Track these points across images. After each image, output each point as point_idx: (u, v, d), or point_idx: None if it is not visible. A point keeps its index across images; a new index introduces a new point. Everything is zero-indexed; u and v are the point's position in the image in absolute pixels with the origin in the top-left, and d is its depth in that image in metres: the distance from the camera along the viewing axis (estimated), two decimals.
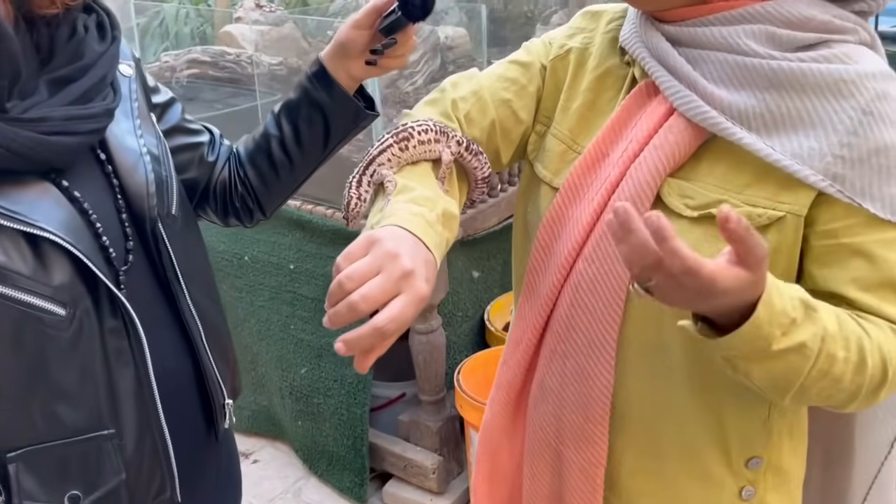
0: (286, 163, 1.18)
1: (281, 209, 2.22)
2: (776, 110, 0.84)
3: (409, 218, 0.84)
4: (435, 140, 0.96)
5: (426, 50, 2.94)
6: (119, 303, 0.94)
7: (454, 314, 2.35)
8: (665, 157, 0.88)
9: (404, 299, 0.74)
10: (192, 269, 1.06)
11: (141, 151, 1.01)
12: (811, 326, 0.77)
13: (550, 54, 1.03)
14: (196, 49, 3.11)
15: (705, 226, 0.86)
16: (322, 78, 1.12)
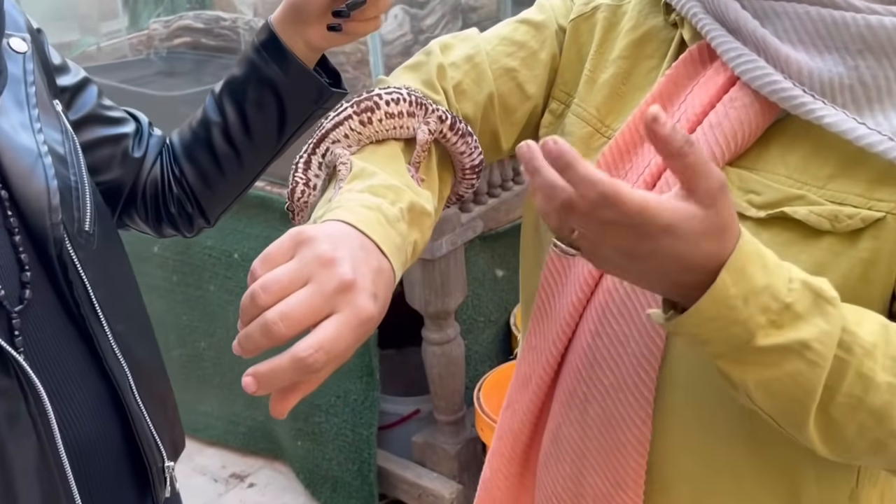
0: (232, 156, 1.03)
1: (272, 199, 2.09)
2: (872, 81, 0.71)
3: (360, 212, 0.69)
4: (408, 113, 0.81)
5: (445, 11, 2.73)
6: (10, 357, 0.82)
7: (475, 320, 2.17)
8: (724, 140, 0.75)
9: (338, 320, 0.59)
10: (116, 300, 0.93)
11: (39, 151, 0.89)
12: (821, 322, 0.63)
13: (573, 13, 0.90)
14: (188, 15, 2.89)
15: (776, 229, 0.73)
16: (273, 48, 0.96)
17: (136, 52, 2.83)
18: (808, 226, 0.73)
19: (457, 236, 1.93)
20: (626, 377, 0.79)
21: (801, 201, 0.74)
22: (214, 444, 2.45)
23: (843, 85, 0.73)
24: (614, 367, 0.79)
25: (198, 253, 2.24)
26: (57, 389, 0.86)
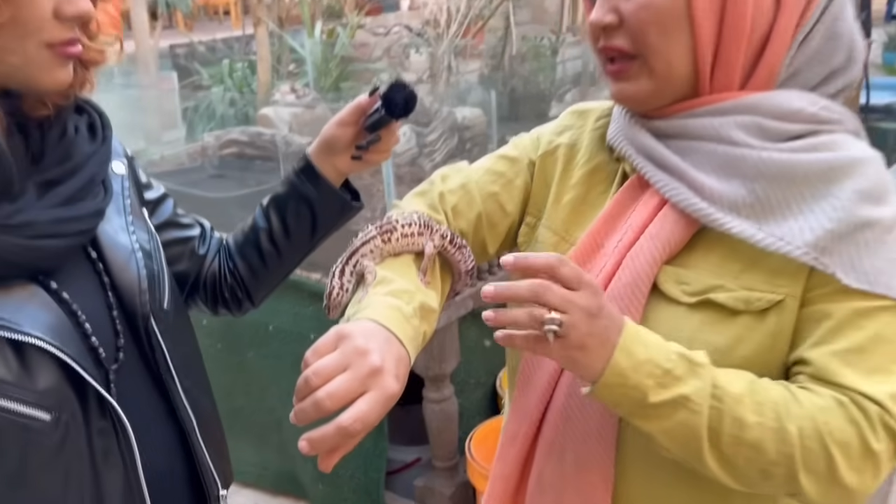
0: (274, 254, 1.12)
1: (302, 282, 2.21)
2: (766, 199, 0.78)
3: (384, 311, 0.77)
4: (418, 233, 0.90)
5: (444, 129, 2.88)
6: (108, 403, 0.85)
7: (467, 382, 2.26)
8: (661, 246, 0.82)
9: (371, 397, 0.67)
10: (184, 363, 0.98)
11: (133, 248, 0.94)
12: (695, 381, 0.72)
13: (539, 149, 0.98)
14: (235, 130, 3.08)
15: (704, 311, 0.79)
16: (309, 173, 1.07)
17: (192, 160, 3.00)
18: (727, 308, 0.79)
19: (452, 312, 2.05)
20: (594, 429, 0.84)
21: (721, 290, 0.79)
22: (249, 485, 2.50)
23: (745, 203, 0.79)
24: (584, 422, 0.84)
25: (239, 325, 2.30)
26: (139, 429, 0.88)
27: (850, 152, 0.78)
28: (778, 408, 0.73)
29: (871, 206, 0.76)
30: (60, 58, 0.79)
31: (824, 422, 0.72)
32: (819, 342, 0.76)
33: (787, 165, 0.77)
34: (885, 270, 0.75)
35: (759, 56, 0.80)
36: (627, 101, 0.86)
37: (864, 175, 0.77)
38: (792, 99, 0.80)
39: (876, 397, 0.72)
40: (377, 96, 1.00)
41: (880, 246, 0.75)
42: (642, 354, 0.72)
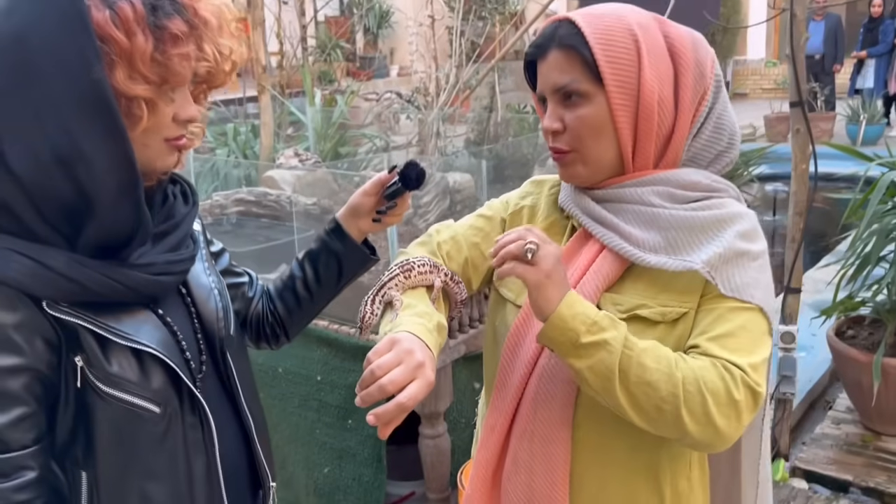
0: (308, 298, 1.31)
1: (310, 328, 2.39)
2: (675, 242, 1.04)
3: (415, 327, 1.01)
4: (429, 272, 1.14)
5: (437, 192, 3.13)
6: (198, 402, 1.05)
7: (458, 421, 2.42)
8: (602, 279, 1.07)
9: (419, 383, 0.91)
10: (244, 378, 1.17)
11: (211, 286, 1.14)
12: (613, 331, 0.96)
13: (508, 210, 1.22)
14: (242, 190, 3.31)
15: (633, 323, 1.03)
16: (338, 232, 1.27)
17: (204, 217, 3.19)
18: (649, 320, 1.04)
19: (446, 356, 2.20)
20: (556, 415, 1.07)
21: (645, 307, 1.05)
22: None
23: (661, 245, 1.05)
24: (548, 410, 1.07)
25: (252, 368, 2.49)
26: (217, 428, 1.07)
27: (732, 209, 1.07)
28: (670, 360, 0.97)
29: (745, 242, 1.04)
30: (172, 148, 1.01)
31: (701, 375, 0.96)
32: (702, 331, 1.02)
33: (690, 219, 1.05)
34: (750, 284, 1.02)
35: (666, 146, 1.07)
36: (572, 181, 1.12)
37: (741, 223, 1.05)
38: (691, 174, 1.08)
39: (739, 363, 0.98)
40: (395, 173, 1.21)
41: (747, 269, 1.03)
42: (579, 308, 0.97)
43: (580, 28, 1.05)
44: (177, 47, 0.94)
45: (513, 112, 5.87)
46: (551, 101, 1.08)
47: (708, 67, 1.07)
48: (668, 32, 1.07)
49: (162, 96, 0.96)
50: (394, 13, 10.05)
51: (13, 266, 0.92)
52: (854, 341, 2.92)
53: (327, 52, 6.82)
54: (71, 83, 0.89)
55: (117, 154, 0.92)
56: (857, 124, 8.23)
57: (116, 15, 0.91)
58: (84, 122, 0.90)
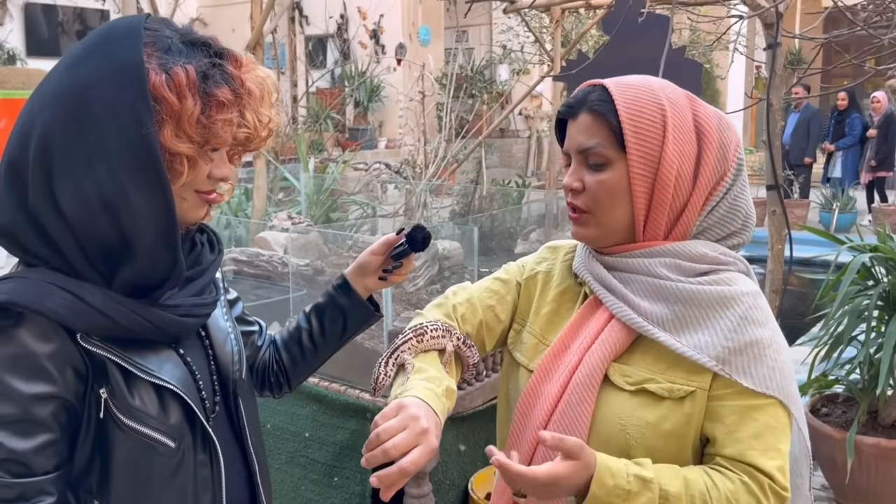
0: (312, 349, 1.35)
1: (302, 386, 2.41)
2: (682, 317, 1.07)
3: (424, 392, 1.05)
4: (441, 336, 1.18)
5: (427, 259, 3.19)
6: (210, 439, 1.09)
7: (443, 482, 2.45)
8: (610, 348, 1.09)
9: (421, 449, 0.95)
10: (252, 421, 1.21)
11: (228, 331, 1.19)
12: (647, 493, 0.98)
13: (524, 275, 1.26)
14: (235, 249, 3.39)
15: (640, 396, 1.06)
16: (345, 288, 1.34)
17: None
18: (656, 395, 1.05)
19: None
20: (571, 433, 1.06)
21: (653, 381, 1.06)
22: None
23: (668, 319, 1.07)
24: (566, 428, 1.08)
25: None
26: (224, 466, 1.10)
27: (738, 287, 1.08)
28: (704, 496, 0.99)
29: (754, 328, 1.05)
30: (204, 202, 1.08)
31: (736, 500, 1.00)
32: (730, 431, 1.04)
33: (696, 293, 1.07)
34: (769, 376, 1.03)
35: (678, 218, 1.10)
36: (582, 240, 1.16)
37: (745, 304, 1.06)
38: (699, 246, 1.10)
39: (767, 470, 1.01)
40: (402, 235, 1.28)
41: (763, 358, 1.04)
42: (610, 482, 0.98)
43: (612, 95, 1.09)
44: (221, 113, 1.02)
45: (497, 186, 6.03)
46: (575, 161, 1.13)
47: (731, 150, 1.10)
48: (698, 111, 1.11)
49: (202, 155, 1.04)
50: (384, 87, 10.35)
51: (53, 299, 0.98)
52: (828, 419, 3.00)
53: (319, 123, 7.01)
54: (123, 135, 0.97)
55: (159, 203, 0.99)
56: (831, 212, 8.49)
57: (171, 79, 0.99)
58: (132, 171, 0.98)
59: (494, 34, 11.98)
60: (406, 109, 6.50)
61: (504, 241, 4.49)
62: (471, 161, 6.27)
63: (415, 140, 6.04)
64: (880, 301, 2.73)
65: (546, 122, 10.20)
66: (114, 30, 1.02)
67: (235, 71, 1.05)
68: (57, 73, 1.02)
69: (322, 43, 11.73)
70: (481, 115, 8.03)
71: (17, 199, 1.00)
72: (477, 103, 7.64)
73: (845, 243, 2.88)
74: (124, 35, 1.00)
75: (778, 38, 2.38)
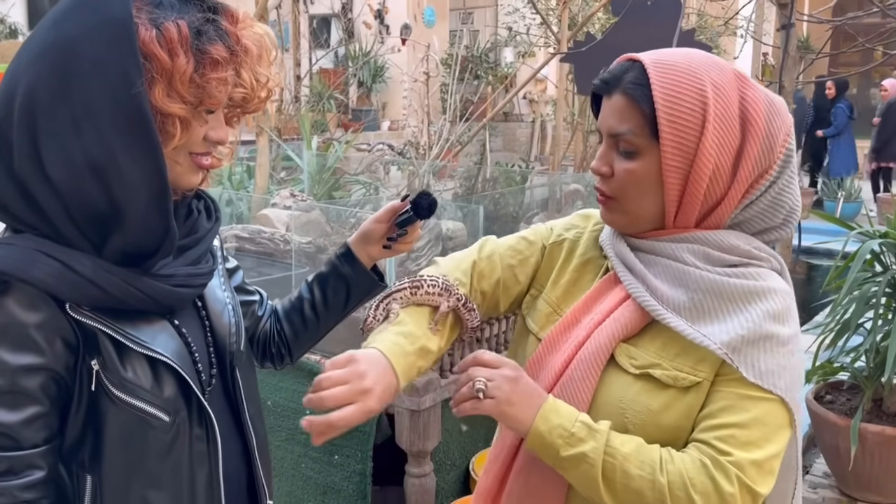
0: (314, 320, 1.33)
1: (303, 362, 2.43)
2: (700, 306, 1.01)
3: (390, 347, 1.03)
4: (438, 294, 1.13)
5: (431, 238, 3.22)
6: (205, 413, 1.07)
7: (444, 462, 2.45)
8: (620, 328, 1.05)
9: (356, 408, 0.94)
10: (250, 394, 1.19)
11: (226, 301, 1.16)
12: (591, 441, 0.96)
13: (550, 239, 1.21)
14: (237, 226, 3.36)
15: (643, 381, 1.02)
16: (348, 257, 1.30)
17: None
18: (661, 382, 1.01)
19: (437, 395, 2.25)
20: None
21: (659, 367, 1.02)
22: None
23: (685, 306, 1.01)
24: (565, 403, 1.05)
25: None
26: (221, 440, 1.08)
27: (767, 283, 1.01)
28: (655, 466, 0.95)
29: (775, 324, 0.99)
30: (198, 167, 1.04)
31: (690, 477, 0.95)
32: (711, 415, 0.99)
33: (719, 284, 1.01)
34: (774, 372, 0.98)
35: (712, 210, 1.03)
36: (609, 224, 1.12)
37: (773, 301, 1.00)
38: (731, 237, 1.03)
39: (739, 461, 0.95)
40: (407, 202, 1.23)
41: (774, 354, 0.98)
42: (555, 420, 0.97)
43: (649, 78, 1.01)
44: (216, 72, 0.97)
45: (501, 168, 6.01)
46: (605, 143, 1.07)
47: (779, 140, 1.02)
48: (746, 96, 1.02)
49: (196, 116, 0.99)
50: (389, 68, 10.29)
51: (39, 267, 0.94)
52: (832, 406, 2.99)
53: (322, 103, 6.97)
54: (111, 94, 0.92)
55: (150, 167, 0.95)
56: (835, 201, 8.46)
57: (162, 35, 0.94)
58: (120, 133, 0.93)
59: (500, 16, 11.91)
60: (410, 90, 6.46)
61: (507, 224, 4.47)
62: (474, 144, 6.24)
63: (418, 121, 6.01)
64: (888, 288, 2.71)
65: (550, 106, 10.15)
66: None
67: (231, 27, 1.00)
68: (42, 28, 0.96)
69: (326, 22, 11.65)
70: (486, 98, 7.98)
71: (3, 163, 0.95)
72: (482, 85, 7.59)
73: (855, 228, 2.85)
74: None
75: (792, 18, 2.34)
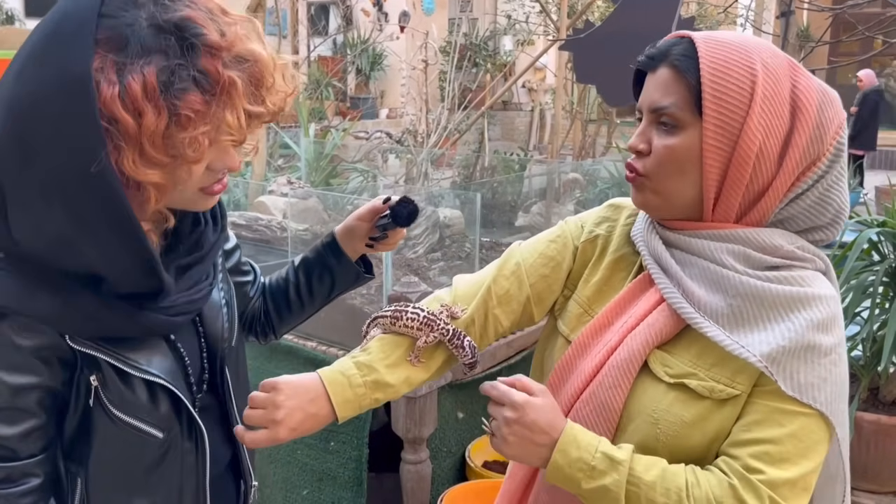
0: (298, 304, 1.34)
1: (299, 349, 2.45)
2: (739, 313, 0.96)
3: (335, 375, 1.05)
4: (417, 328, 1.10)
5: (428, 226, 3.18)
6: (196, 426, 1.08)
7: (440, 449, 2.44)
8: (655, 334, 1.00)
9: (264, 434, 1.00)
10: (238, 384, 1.19)
11: (220, 303, 1.14)
12: (613, 474, 0.93)
13: (582, 237, 1.15)
14: (234, 213, 3.35)
15: (678, 391, 0.98)
16: (334, 249, 1.29)
17: None
18: (696, 392, 0.96)
19: (434, 382, 2.20)
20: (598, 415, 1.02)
21: (694, 377, 0.97)
22: None
23: (723, 313, 0.96)
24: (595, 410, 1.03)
25: None
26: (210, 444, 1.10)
27: (812, 289, 0.96)
28: (681, 492, 0.92)
29: (818, 333, 0.93)
30: (209, 196, 0.98)
31: (717, 501, 0.91)
32: (746, 429, 0.94)
33: (760, 290, 0.95)
34: (815, 385, 0.92)
35: (755, 203, 0.98)
36: (640, 206, 1.05)
37: (818, 309, 0.95)
38: (775, 236, 0.98)
39: (772, 479, 0.91)
40: (387, 206, 1.22)
41: (815, 366, 0.93)
42: (574, 453, 0.95)
43: (697, 51, 0.97)
44: (188, 130, 0.86)
45: (499, 157, 5.99)
46: (645, 119, 1.02)
47: (830, 133, 0.97)
48: (798, 83, 0.98)
49: (178, 169, 0.90)
50: (387, 56, 10.25)
51: (39, 305, 0.93)
52: None
53: (320, 90, 6.94)
54: (75, 170, 0.84)
55: (125, 243, 0.90)
56: None
57: (126, 91, 0.83)
58: (91, 210, 0.86)
59: (499, 3, 11.85)
60: (408, 78, 6.44)
61: (505, 213, 4.46)
62: (473, 132, 6.22)
63: (416, 109, 5.98)
64: (886, 277, 2.71)
65: (549, 94, 10.13)
66: (63, 22, 0.85)
67: (211, 64, 0.86)
68: (10, 75, 0.87)
69: (324, 9, 11.62)
70: (484, 86, 7.96)
71: None
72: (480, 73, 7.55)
73: (853, 217, 2.84)
74: (74, 30, 0.83)
75: (792, 5, 2.33)
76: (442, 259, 3.08)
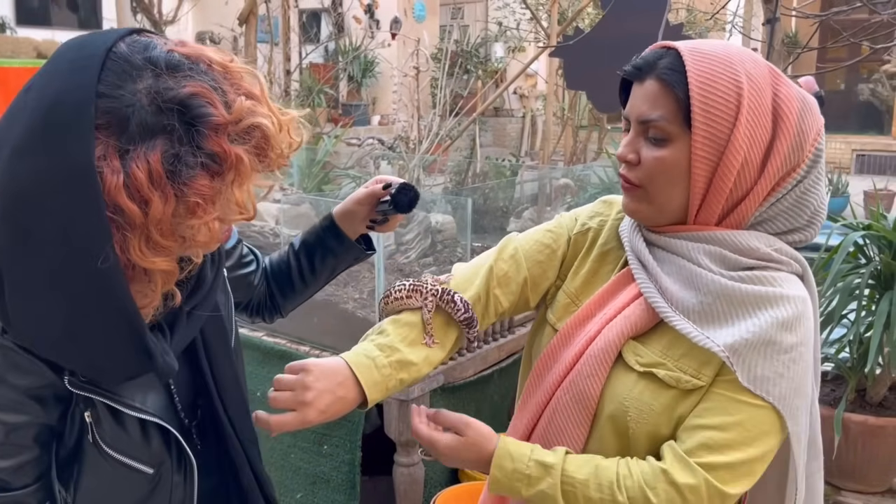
0: (301, 285, 1.35)
1: (293, 353, 2.44)
2: (709, 310, 1.00)
3: (359, 358, 1.04)
4: (407, 296, 1.12)
5: (420, 231, 3.22)
6: (186, 458, 1.06)
7: None
8: (630, 325, 1.05)
9: (294, 416, 0.99)
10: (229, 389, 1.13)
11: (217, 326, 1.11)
12: (547, 478, 1.00)
13: (575, 229, 1.20)
14: None
15: (647, 380, 1.03)
16: (333, 230, 1.31)
17: None
18: (664, 382, 1.01)
19: (425, 385, 2.26)
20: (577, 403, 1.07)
21: (662, 367, 1.02)
22: None
23: (694, 309, 1.00)
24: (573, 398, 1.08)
25: None
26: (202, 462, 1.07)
27: (781, 289, 0.99)
28: (613, 486, 0.97)
29: (781, 331, 0.97)
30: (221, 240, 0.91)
31: (650, 487, 0.96)
32: (696, 414, 0.99)
33: (730, 289, 0.99)
34: (769, 379, 0.96)
35: (736, 206, 1.02)
36: (633, 215, 1.09)
37: (784, 308, 0.98)
38: (752, 239, 1.01)
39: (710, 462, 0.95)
40: (388, 192, 1.23)
41: (773, 361, 0.96)
42: (509, 466, 1.01)
43: (685, 65, 0.99)
44: (196, 216, 0.82)
45: (491, 162, 6.02)
46: (634, 130, 1.04)
47: (809, 139, 1.00)
48: (779, 92, 1.00)
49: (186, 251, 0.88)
50: (379, 63, 10.28)
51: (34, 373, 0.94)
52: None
53: (312, 97, 6.97)
54: (78, 266, 0.79)
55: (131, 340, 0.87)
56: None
57: (130, 178, 0.78)
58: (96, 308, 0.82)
59: (490, 11, 11.91)
60: (400, 85, 6.47)
61: (497, 218, 4.48)
62: (464, 139, 6.24)
63: (408, 116, 6.01)
64: (872, 280, 2.74)
65: (540, 101, 10.17)
66: (58, 106, 0.78)
67: (217, 144, 0.81)
68: (4, 154, 0.80)
69: (316, 16, 11.64)
70: (476, 93, 8.01)
71: None
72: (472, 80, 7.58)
73: (839, 221, 2.88)
74: (72, 115, 0.77)
75: (777, 13, 2.37)
76: (434, 264, 3.10)
